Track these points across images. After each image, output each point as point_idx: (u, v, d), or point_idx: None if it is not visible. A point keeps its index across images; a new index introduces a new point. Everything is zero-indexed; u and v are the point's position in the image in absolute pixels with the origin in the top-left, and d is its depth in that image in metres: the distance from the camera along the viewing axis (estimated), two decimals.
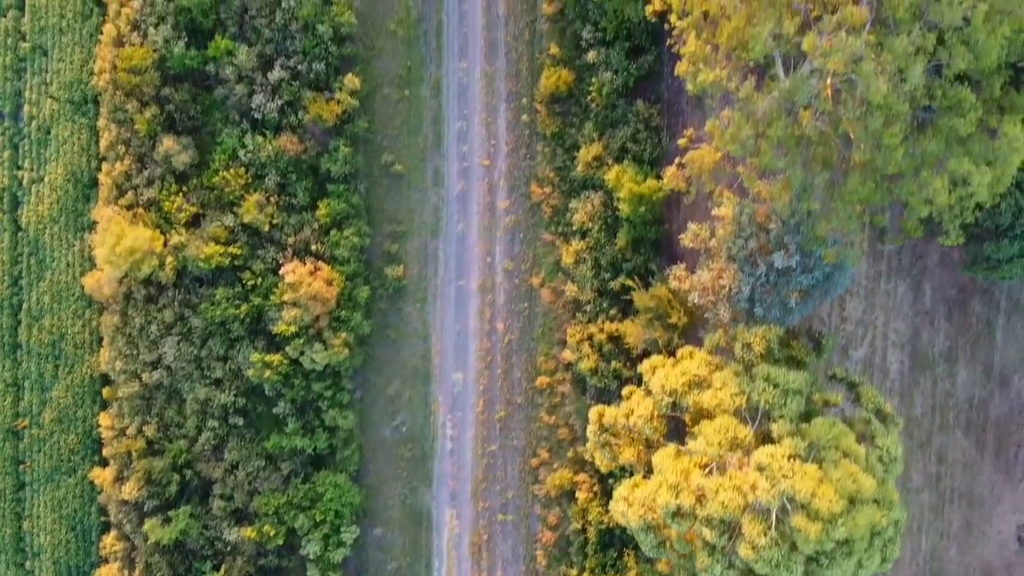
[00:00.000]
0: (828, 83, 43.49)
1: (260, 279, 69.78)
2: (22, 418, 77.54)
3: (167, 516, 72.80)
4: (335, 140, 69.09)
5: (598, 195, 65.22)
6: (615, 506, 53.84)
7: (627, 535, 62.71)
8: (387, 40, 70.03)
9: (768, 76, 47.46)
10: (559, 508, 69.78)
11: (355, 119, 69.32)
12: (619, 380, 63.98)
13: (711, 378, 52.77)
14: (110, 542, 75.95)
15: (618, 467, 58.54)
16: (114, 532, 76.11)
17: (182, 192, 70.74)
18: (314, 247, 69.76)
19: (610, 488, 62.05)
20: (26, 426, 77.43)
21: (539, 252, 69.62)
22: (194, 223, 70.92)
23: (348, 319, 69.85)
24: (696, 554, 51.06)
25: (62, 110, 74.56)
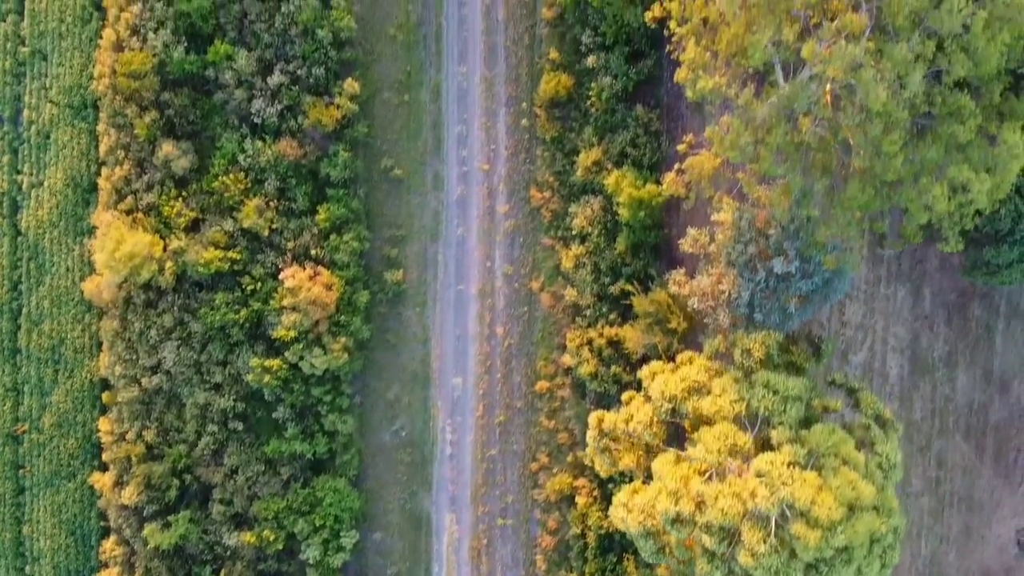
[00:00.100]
0: (827, 90, 43.45)
1: (260, 284, 69.78)
2: (22, 422, 77.51)
3: (167, 521, 72.69)
4: (335, 145, 69.08)
5: (598, 200, 65.19)
6: (615, 512, 53.81)
7: (627, 540, 62.74)
8: (387, 45, 69.98)
9: (767, 83, 47.42)
10: (559, 513, 69.73)
11: (355, 123, 69.27)
12: (619, 385, 63.96)
13: (710, 384, 52.73)
14: (110, 547, 75.90)
15: (618, 472, 58.50)
16: (114, 537, 76.04)
17: (182, 197, 70.70)
18: (314, 252, 69.74)
19: (610, 493, 62.01)
20: (26, 430, 77.38)
21: (539, 256, 69.58)
22: (194, 228, 70.89)
23: (348, 324, 69.82)
24: (695, 561, 51.05)
25: (62, 115, 74.50)
